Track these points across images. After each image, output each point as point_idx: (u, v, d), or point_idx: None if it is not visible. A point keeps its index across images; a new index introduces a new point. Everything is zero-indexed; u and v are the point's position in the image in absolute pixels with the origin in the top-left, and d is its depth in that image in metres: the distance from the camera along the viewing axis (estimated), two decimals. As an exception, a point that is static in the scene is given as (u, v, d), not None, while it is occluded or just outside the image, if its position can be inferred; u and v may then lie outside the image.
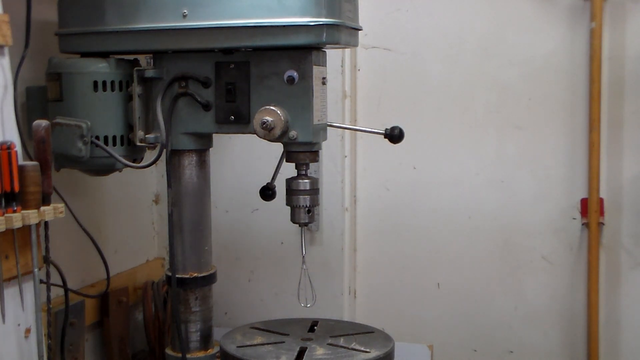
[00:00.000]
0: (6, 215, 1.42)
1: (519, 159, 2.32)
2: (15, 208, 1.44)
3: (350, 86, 2.34)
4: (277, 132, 1.58)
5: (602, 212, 2.24)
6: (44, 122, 1.52)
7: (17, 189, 1.44)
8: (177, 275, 1.72)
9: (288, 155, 1.69)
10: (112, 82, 1.68)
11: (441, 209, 2.37)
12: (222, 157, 2.33)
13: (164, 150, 1.66)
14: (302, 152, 1.67)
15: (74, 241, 1.87)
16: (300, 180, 1.68)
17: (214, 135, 1.75)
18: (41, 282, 1.54)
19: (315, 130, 1.62)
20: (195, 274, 1.77)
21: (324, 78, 1.67)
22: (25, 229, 1.48)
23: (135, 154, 1.75)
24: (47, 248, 1.57)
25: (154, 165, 1.70)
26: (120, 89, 1.69)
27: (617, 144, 2.23)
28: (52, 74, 1.70)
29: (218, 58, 1.64)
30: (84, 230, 1.81)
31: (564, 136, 2.28)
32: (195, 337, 1.78)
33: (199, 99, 1.65)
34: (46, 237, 1.56)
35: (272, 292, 2.38)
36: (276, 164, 1.79)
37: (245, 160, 2.35)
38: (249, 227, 2.39)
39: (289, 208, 1.70)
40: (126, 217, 2.25)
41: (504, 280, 2.35)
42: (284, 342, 1.79)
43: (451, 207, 2.37)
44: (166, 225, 1.75)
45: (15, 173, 1.43)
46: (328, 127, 1.71)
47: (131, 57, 1.76)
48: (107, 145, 1.68)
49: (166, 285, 2.12)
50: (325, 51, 1.68)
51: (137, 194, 2.32)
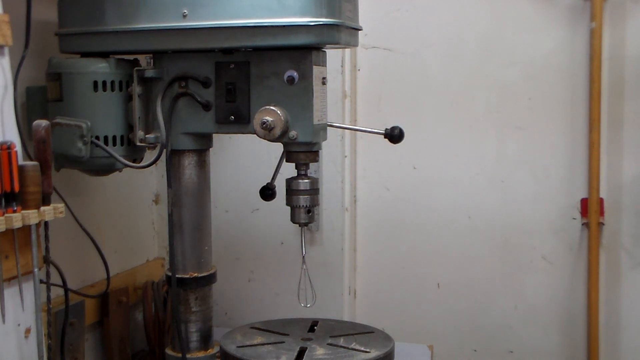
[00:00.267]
0: (6, 215, 1.42)
1: (519, 159, 2.32)
2: (15, 208, 1.44)
3: (350, 86, 2.34)
4: (277, 132, 1.58)
5: (602, 212, 2.24)
6: (44, 122, 1.52)
7: (17, 189, 1.44)
8: (177, 275, 1.72)
9: (288, 155, 1.69)
10: (112, 82, 1.68)
11: (441, 209, 2.37)
12: (222, 157, 2.33)
13: (164, 150, 1.66)
14: (302, 152, 1.67)
15: (74, 241, 1.87)
16: (300, 180, 1.68)
17: (214, 135, 1.75)
18: (41, 282, 1.55)
19: (315, 130, 1.62)
20: (195, 274, 1.77)
21: (324, 78, 1.66)
22: (25, 229, 1.48)
23: (135, 154, 1.75)
24: (47, 248, 1.57)
25: (154, 165, 1.70)
26: (120, 89, 1.69)
27: (617, 144, 2.23)
28: (52, 74, 1.70)
29: (218, 58, 1.64)
30: (84, 230, 1.81)
31: (564, 136, 2.28)
32: (195, 337, 1.78)
33: (199, 99, 1.65)
34: (46, 237, 1.56)
35: (272, 292, 2.38)
36: (276, 164, 1.79)
37: (245, 160, 2.35)
38: (249, 227, 2.38)
39: (289, 208, 1.70)
40: (126, 217, 2.25)
41: (504, 280, 2.35)
42: (284, 342, 1.79)
43: (451, 207, 2.37)
44: (166, 225, 1.75)
45: (15, 173, 1.43)
46: (328, 127, 1.71)
47: (131, 57, 1.76)
48: (107, 145, 1.68)
49: (166, 285, 2.12)
50: (325, 51, 1.68)
51: (137, 194, 2.32)
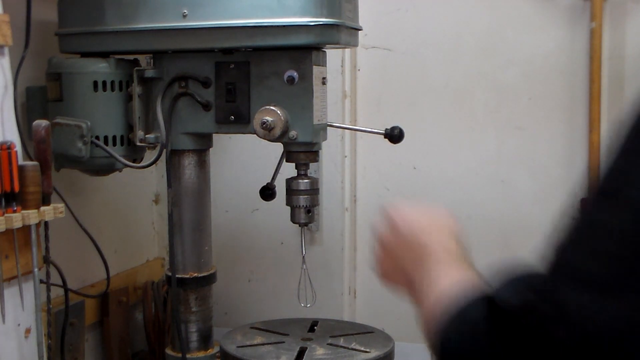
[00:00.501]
0: (6, 215, 1.42)
1: (518, 159, 2.31)
2: (15, 208, 1.44)
3: (350, 86, 2.34)
4: (277, 132, 1.58)
5: (602, 212, 2.24)
6: (44, 122, 1.52)
7: (17, 189, 1.44)
8: (177, 275, 1.72)
9: (288, 155, 1.69)
10: (112, 82, 1.68)
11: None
12: (222, 157, 2.33)
13: (164, 150, 1.66)
14: (302, 152, 1.67)
15: (74, 241, 1.87)
16: (300, 180, 1.68)
17: (214, 135, 1.75)
18: (41, 282, 1.55)
19: (315, 130, 1.62)
20: (195, 274, 1.76)
21: (324, 78, 1.66)
22: (25, 229, 1.48)
23: (135, 154, 1.75)
24: (47, 248, 1.57)
25: (154, 165, 1.70)
26: (120, 89, 1.69)
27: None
28: (52, 74, 1.69)
29: (218, 58, 1.64)
30: (84, 230, 1.81)
31: (563, 136, 2.27)
32: (195, 337, 1.78)
33: (199, 99, 1.65)
34: (46, 237, 1.56)
35: (272, 292, 2.38)
36: (276, 164, 1.79)
37: (245, 160, 2.34)
38: (249, 227, 2.38)
39: (289, 208, 1.70)
40: (126, 217, 2.25)
41: (504, 280, 2.35)
42: (284, 342, 1.79)
43: (451, 206, 2.34)
44: (166, 225, 1.75)
45: (15, 173, 1.43)
46: (328, 127, 1.71)
47: (131, 57, 1.76)
48: (107, 145, 1.68)
49: (166, 285, 2.12)
50: (325, 51, 1.68)
51: (137, 194, 2.32)
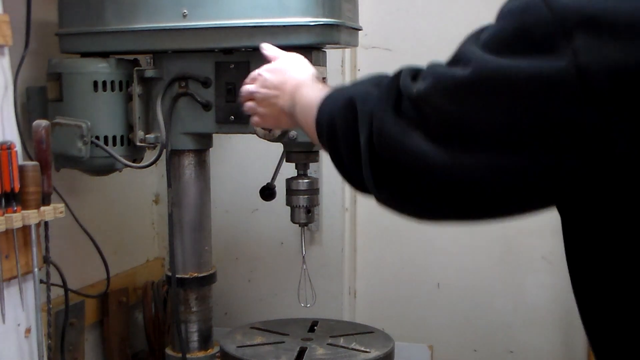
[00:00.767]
0: (6, 215, 1.42)
1: (519, 159, 2.31)
2: (15, 208, 1.44)
3: (350, 86, 2.34)
4: (277, 132, 1.58)
5: (602, 212, 2.24)
6: (44, 122, 1.52)
7: (17, 189, 1.44)
8: (177, 275, 1.72)
9: (288, 155, 1.69)
10: (112, 82, 1.68)
11: (441, 209, 2.37)
12: (222, 157, 2.33)
13: (164, 150, 1.66)
14: (302, 152, 1.67)
15: (74, 241, 1.87)
16: (300, 180, 1.68)
17: (214, 135, 1.75)
18: (41, 282, 1.55)
19: (315, 130, 1.62)
20: (195, 274, 1.77)
21: (324, 78, 1.66)
22: (25, 229, 1.48)
23: (135, 154, 1.75)
24: (47, 248, 1.57)
25: (154, 165, 1.70)
26: (120, 89, 1.69)
27: (617, 144, 2.23)
28: (52, 74, 1.70)
29: (218, 58, 1.64)
30: (84, 230, 1.81)
31: (564, 136, 2.27)
32: (195, 337, 1.78)
33: (199, 99, 1.65)
34: (46, 237, 1.56)
35: (272, 292, 2.38)
36: (276, 164, 1.79)
37: (245, 160, 2.34)
38: (249, 227, 2.38)
39: (289, 208, 1.70)
40: (126, 217, 2.25)
41: (504, 280, 2.35)
42: (284, 342, 1.79)
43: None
44: (166, 225, 1.75)
45: (15, 173, 1.43)
46: (328, 127, 1.71)
47: (131, 57, 1.76)
48: (107, 145, 1.68)
49: (166, 285, 2.12)
50: (325, 51, 1.68)
51: (137, 194, 2.32)
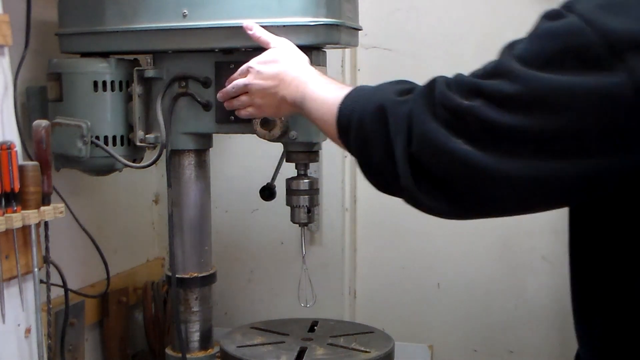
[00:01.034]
0: (6, 215, 1.42)
1: (519, 159, 2.31)
2: (15, 208, 1.44)
3: (350, 86, 2.34)
4: (277, 132, 1.58)
5: (602, 212, 2.24)
6: (44, 122, 1.52)
7: (17, 189, 1.44)
8: (177, 275, 1.72)
9: (288, 155, 1.69)
10: (112, 82, 1.68)
11: (441, 209, 2.37)
12: (222, 157, 2.33)
13: (164, 150, 1.66)
14: (302, 152, 1.67)
15: (74, 241, 1.87)
16: (300, 180, 1.68)
17: (214, 135, 1.75)
18: (41, 282, 1.55)
19: (315, 130, 1.61)
20: (195, 274, 1.77)
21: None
22: (25, 229, 1.48)
23: (135, 154, 1.75)
24: (47, 248, 1.57)
25: (154, 165, 1.70)
26: (120, 89, 1.69)
27: (617, 144, 2.22)
28: (52, 74, 1.70)
29: (218, 58, 1.64)
30: (84, 230, 1.81)
31: (564, 136, 2.27)
32: (195, 337, 1.78)
33: (199, 99, 1.65)
34: (46, 237, 1.56)
35: (272, 292, 2.38)
36: (276, 164, 1.79)
37: (245, 160, 2.34)
38: (249, 227, 2.38)
39: (289, 208, 1.70)
40: (126, 217, 2.25)
41: (504, 281, 2.35)
42: (284, 342, 1.79)
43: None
44: (166, 225, 1.75)
45: (15, 173, 1.43)
46: (328, 127, 1.71)
47: (131, 57, 1.76)
48: (107, 145, 1.68)
49: (166, 285, 2.12)
50: (325, 51, 1.68)
51: (137, 194, 2.32)
